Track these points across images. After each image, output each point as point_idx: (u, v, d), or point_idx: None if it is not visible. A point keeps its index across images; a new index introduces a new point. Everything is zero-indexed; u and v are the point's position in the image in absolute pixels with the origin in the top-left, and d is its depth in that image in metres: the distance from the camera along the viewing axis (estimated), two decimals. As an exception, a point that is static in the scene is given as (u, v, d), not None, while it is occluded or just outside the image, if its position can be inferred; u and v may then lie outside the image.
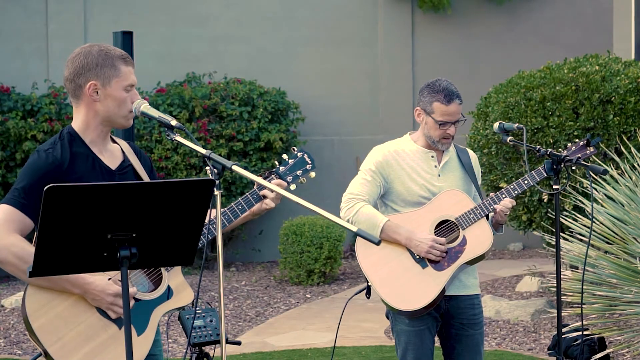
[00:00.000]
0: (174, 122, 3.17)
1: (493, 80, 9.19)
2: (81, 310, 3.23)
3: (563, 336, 5.81)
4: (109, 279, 3.26)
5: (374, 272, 4.19)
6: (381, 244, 4.14)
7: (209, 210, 2.91)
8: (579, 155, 4.45)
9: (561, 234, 6.57)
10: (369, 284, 4.20)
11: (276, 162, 3.77)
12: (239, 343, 4.03)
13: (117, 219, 2.74)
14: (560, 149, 6.90)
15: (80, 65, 3.32)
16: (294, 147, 3.90)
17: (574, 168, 7.22)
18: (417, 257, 4.21)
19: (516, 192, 4.37)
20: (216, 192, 2.98)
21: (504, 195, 4.33)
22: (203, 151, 3.07)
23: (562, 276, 5.39)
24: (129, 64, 3.36)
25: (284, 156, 3.77)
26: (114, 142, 3.50)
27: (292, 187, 3.72)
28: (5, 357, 6.99)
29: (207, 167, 3.06)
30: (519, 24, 12.44)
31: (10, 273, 3.23)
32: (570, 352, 6.19)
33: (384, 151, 4.34)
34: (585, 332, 6.18)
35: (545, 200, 7.70)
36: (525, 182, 4.39)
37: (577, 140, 6.60)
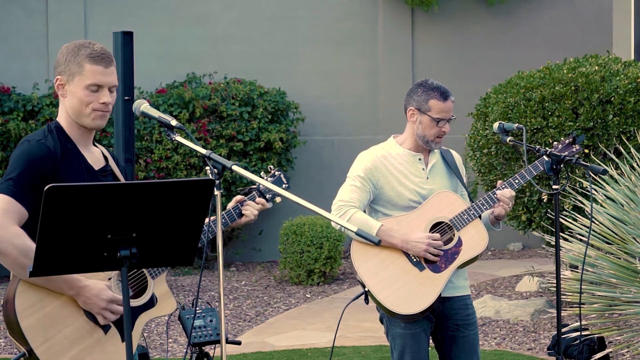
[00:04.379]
0: (174, 122, 3.18)
1: (492, 80, 9.19)
2: (69, 313, 3.21)
3: (563, 336, 5.81)
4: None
5: (371, 277, 4.16)
6: (377, 250, 4.16)
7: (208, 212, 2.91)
8: (566, 153, 4.45)
9: (561, 234, 6.58)
10: (366, 289, 4.19)
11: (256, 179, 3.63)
12: (239, 343, 4.04)
13: (117, 219, 2.75)
14: (546, 147, 6.90)
15: (57, 59, 3.31)
16: (271, 166, 3.90)
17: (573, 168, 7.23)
18: (414, 260, 4.20)
19: (517, 182, 4.36)
20: (216, 192, 2.98)
21: (504, 186, 4.32)
22: (203, 151, 3.07)
23: (561, 276, 5.39)
24: (100, 63, 3.25)
25: (262, 174, 3.79)
26: (96, 147, 3.48)
27: (278, 200, 3.74)
28: (5, 357, 6.99)
29: (207, 167, 3.06)
30: (518, 24, 12.44)
31: (7, 267, 3.13)
32: (570, 352, 6.20)
33: (372, 156, 4.32)
34: (584, 332, 6.19)
35: (544, 201, 7.70)
36: (516, 180, 4.38)
37: (562, 138, 6.61)
